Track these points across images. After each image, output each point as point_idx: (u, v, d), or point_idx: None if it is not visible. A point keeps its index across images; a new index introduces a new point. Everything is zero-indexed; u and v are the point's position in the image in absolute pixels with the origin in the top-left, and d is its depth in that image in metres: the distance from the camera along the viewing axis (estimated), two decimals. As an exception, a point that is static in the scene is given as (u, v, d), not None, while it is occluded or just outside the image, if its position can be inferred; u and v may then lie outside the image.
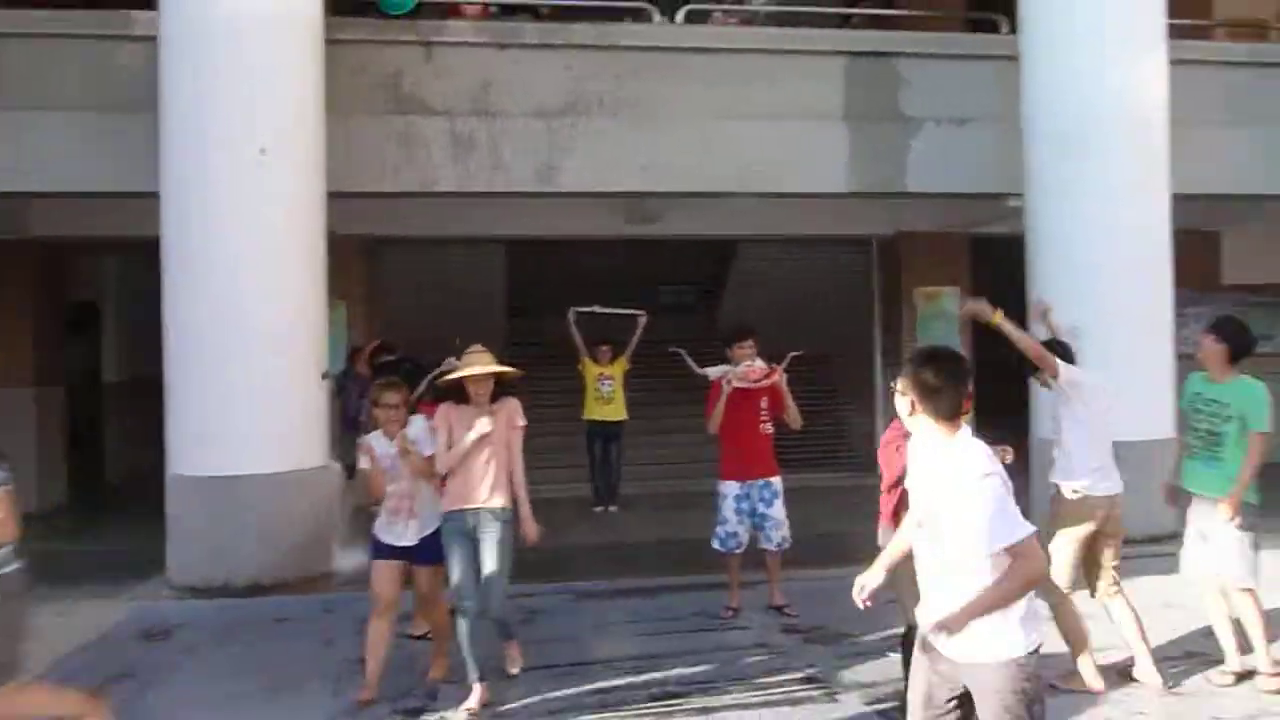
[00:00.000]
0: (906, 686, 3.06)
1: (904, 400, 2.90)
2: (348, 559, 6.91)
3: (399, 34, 8.03)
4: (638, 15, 8.88)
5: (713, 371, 6.01)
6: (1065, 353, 4.75)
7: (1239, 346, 4.64)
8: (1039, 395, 8.04)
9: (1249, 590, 4.55)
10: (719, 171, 8.51)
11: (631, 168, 8.39)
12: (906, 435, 3.31)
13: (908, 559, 3.02)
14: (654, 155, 8.40)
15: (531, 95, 8.22)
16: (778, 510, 5.86)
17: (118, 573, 6.96)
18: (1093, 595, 4.71)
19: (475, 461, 4.56)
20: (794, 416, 5.89)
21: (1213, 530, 4.57)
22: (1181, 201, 8.24)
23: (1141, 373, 7.58)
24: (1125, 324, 7.49)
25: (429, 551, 4.66)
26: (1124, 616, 4.62)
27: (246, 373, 6.53)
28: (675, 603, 6.22)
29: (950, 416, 2.75)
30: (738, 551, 5.92)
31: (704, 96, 8.46)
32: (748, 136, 8.48)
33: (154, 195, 7.14)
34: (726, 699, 4.56)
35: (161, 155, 6.64)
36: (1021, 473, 8.15)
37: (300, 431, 6.71)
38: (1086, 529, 4.58)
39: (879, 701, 4.49)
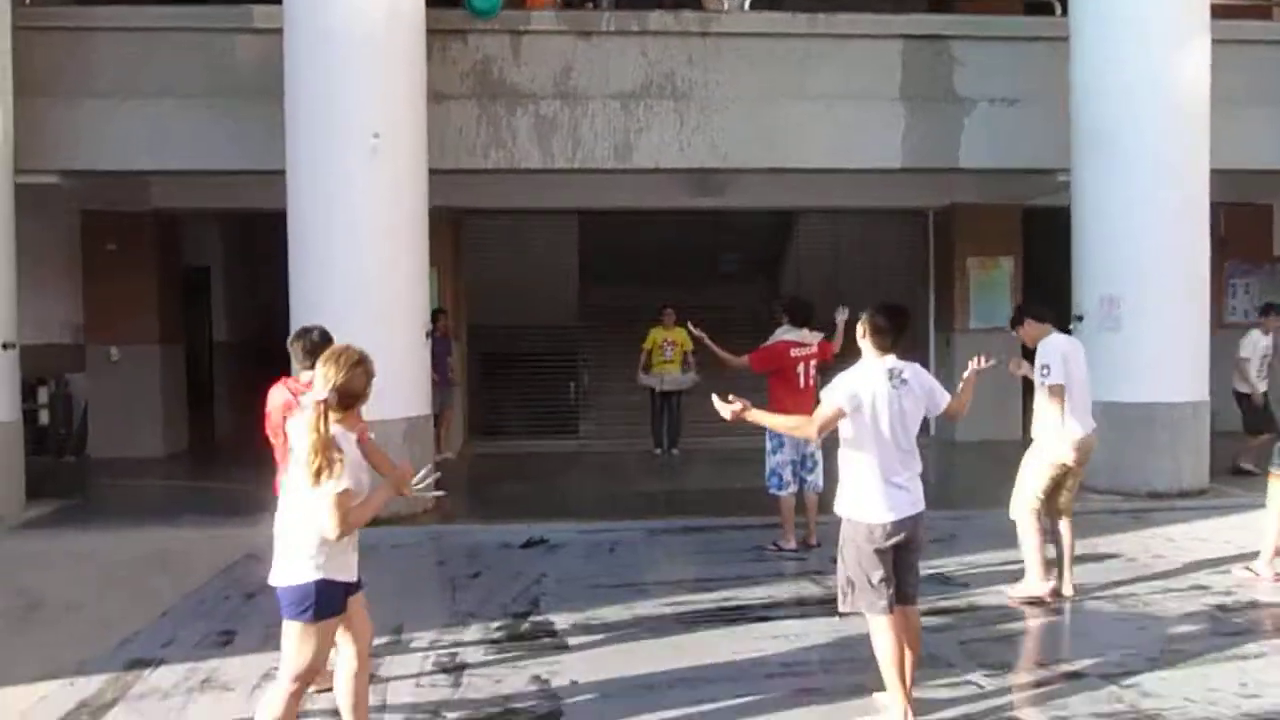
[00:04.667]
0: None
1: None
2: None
3: (489, 24, 8.79)
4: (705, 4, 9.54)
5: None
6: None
7: None
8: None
9: None
10: (781, 149, 9.18)
11: (700, 145, 9.09)
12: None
13: None
14: (721, 133, 9.09)
15: (609, 79, 8.95)
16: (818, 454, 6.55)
17: (248, 507, 7.92)
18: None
19: None
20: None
21: None
22: (1228, 176, 8.66)
23: (1178, 339, 8.10)
24: (1162, 293, 8.00)
25: None
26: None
27: (364, 335, 7.36)
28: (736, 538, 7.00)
29: (882, 348, 3.83)
30: (786, 494, 6.59)
31: (768, 78, 9.11)
32: (809, 115, 9.12)
33: (263, 173, 8.10)
34: (783, 611, 5.32)
35: (288, 141, 7.51)
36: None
37: (409, 385, 7.59)
38: None
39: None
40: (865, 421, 3.72)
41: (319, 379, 3.16)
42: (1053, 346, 5.30)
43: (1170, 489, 7.89)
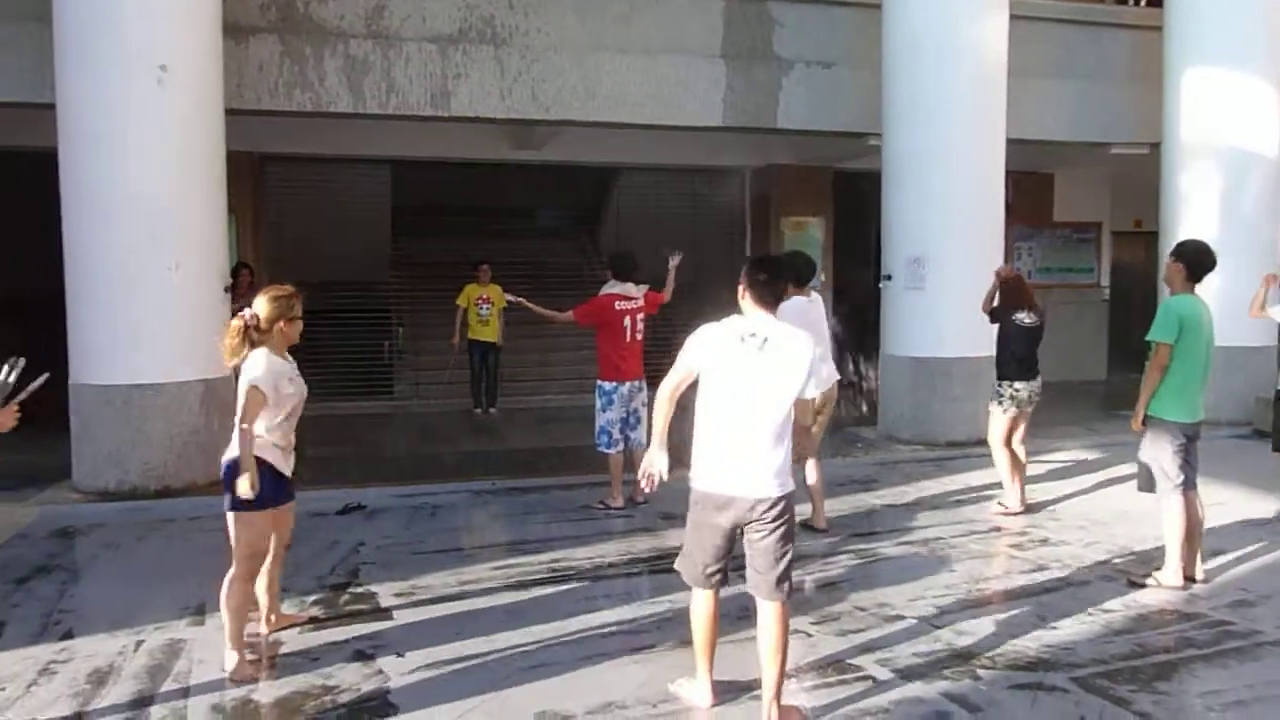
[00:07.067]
0: None
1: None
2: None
3: (291, -47, 8.11)
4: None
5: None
6: None
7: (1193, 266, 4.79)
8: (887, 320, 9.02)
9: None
10: (604, 102, 9.00)
11: (522, 95, 8.78)
12: None
13: None
14: (543, 84, 8.81)
15: (425, 20, 8.47)
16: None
17: (15, 481, 7.09)
18: None
19: None
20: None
21: None
22: (1015, 146, 9.23)
23: (976, 298, 8.58)
24: (963, 255, 8.45)
25: None
26: None
27: (151, 288, 6.73)
28: (562, 497, 6.90)
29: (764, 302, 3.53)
30: (615, 451, 6.54)
31: (592, 29, 8.90)
32: (633, 69, 8.99)
33: (28, 106, 7.21)
34: (614, 570, 5.27)
35: (57, 71, 6.64)
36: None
37: (205, 342, 6.95)
38: None
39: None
40: (715, 382, 3.40)
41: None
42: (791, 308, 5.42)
43: (968, 438, 8.42)
